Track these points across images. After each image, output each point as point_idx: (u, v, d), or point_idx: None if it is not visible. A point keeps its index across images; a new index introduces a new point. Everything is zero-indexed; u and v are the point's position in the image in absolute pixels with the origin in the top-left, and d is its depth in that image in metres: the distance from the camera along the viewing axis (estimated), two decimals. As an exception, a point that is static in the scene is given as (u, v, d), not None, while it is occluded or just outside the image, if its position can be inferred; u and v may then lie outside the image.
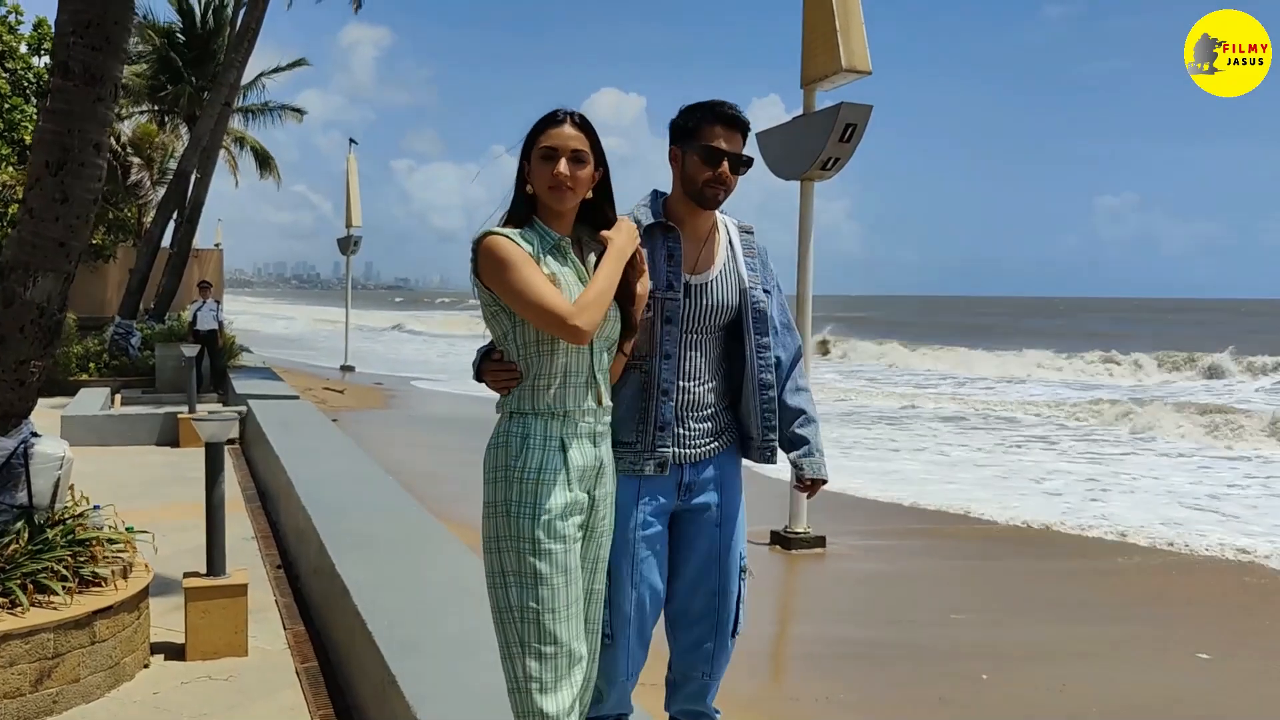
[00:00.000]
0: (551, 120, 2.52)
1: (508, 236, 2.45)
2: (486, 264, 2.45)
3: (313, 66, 34.51)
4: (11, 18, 21.74)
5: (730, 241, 2.89)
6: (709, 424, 2.83)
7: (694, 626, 2.87)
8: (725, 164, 2.71)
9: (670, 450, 2.75)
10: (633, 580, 2.75)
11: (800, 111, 9.42)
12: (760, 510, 9.42)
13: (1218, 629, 7.13)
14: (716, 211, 2.87)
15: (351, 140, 30.52)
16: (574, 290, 2.46)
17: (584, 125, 2.53)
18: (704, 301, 2.79)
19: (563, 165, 2.47)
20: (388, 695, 3.46)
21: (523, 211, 2.55)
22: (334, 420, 12.80)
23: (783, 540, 9.06)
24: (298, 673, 4.68)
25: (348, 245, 28.75)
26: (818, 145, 8.95)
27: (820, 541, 9.07)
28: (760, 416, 2.86)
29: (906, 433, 18.13)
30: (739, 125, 2.75)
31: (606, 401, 2.59)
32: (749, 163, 2.77)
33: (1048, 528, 10.22)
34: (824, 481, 2.94)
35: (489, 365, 2.58)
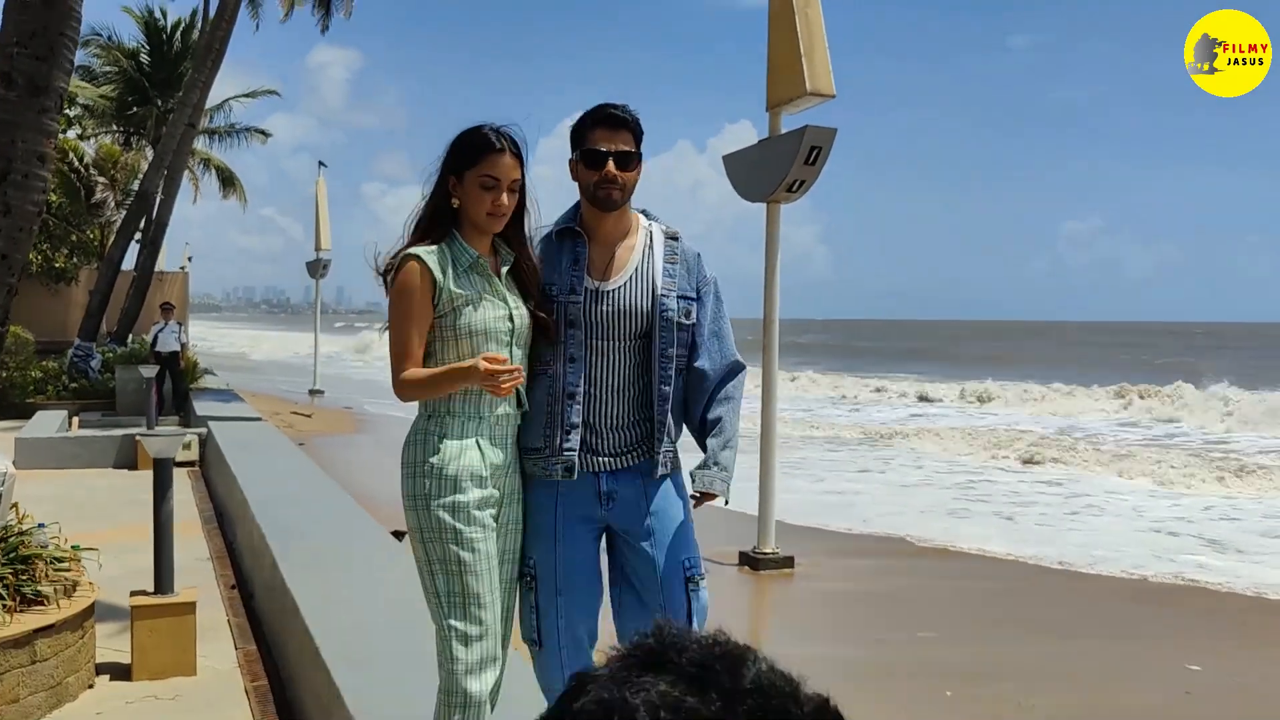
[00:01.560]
0: (490, 147, 2.62)
1: (424, 261, 2.59)
2: (397, 281, 2.62)
3: (282, 97, 34.56)
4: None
5: (649, 248, 2.84)
6: (627, 433, 2.78)
7: None
8: (610, 164, 2.69)
9: (577, 455, 2.72)
10: (557, 586, 2.74)
11: (767, 135, 9.44)
12: (728, 530, 9.37)
13: (1194, 648, 7.12)
14: (642, 218, 2.87)
15: (321, 164, 30.31)
16: (489, 310, 2.62)
17: (519, 153, 2.67)
18: (611, 307, 2.76)
19: (504, 198, 2.62)
20: (332, 710, 3.38)
21: (443, 225, 2.67)
22: (300, 445, 12.63)
23: (751, 561, 9.00)
24: (246, 691, 4.58)
25: (317, 269, 28.54)
26: (783, 168, 8.95)
27: (789, 562, 9.01)
28: (655, 426, 2.79)
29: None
30: (621, 123, 2.73)
31: (525, 404, 2.71)
32: (638, 159, 2.75)
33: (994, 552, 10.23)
34: (713, 496, 2.82)
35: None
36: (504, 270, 2.71)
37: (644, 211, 2.91)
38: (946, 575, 9.24)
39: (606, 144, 2.70)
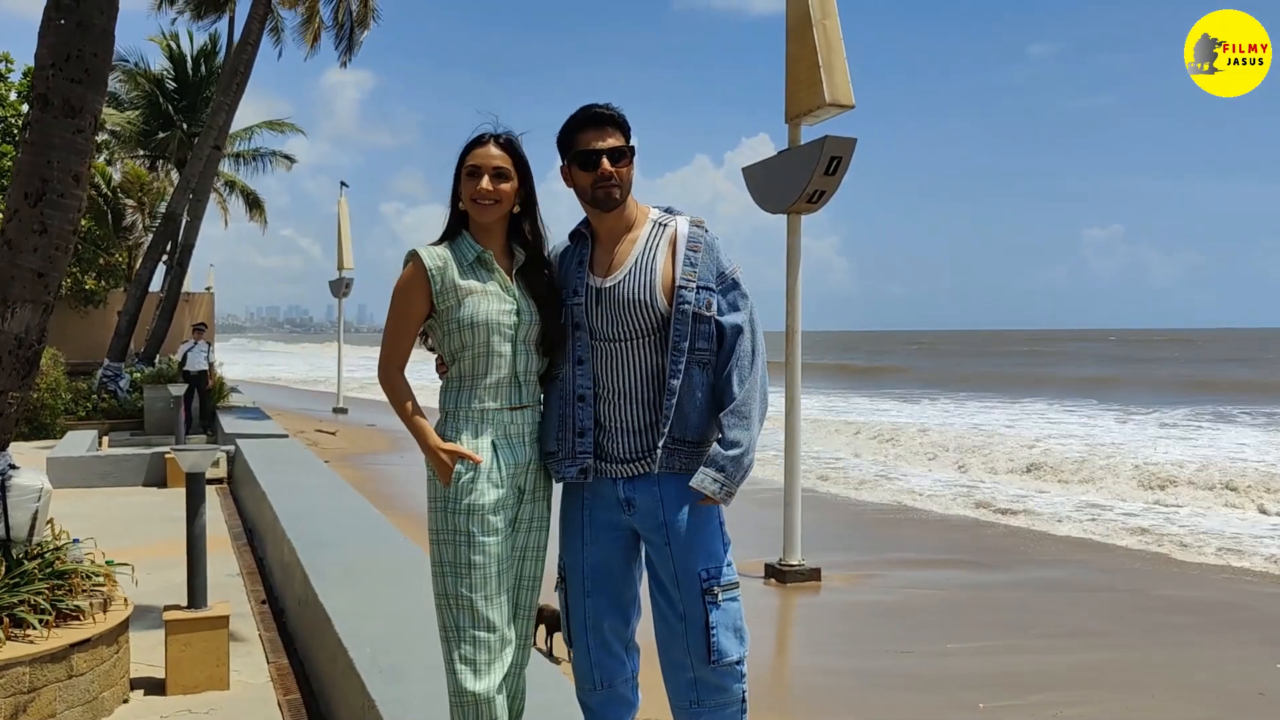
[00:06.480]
0: (477, 142, 2.75)
1: (424, 258, 2.70)
2: (399, 278, 2.74)
3: (306, 135, 34.54)
4: (1, 66, 21.84)
5: (655, 240, 2.76)
6: (643, 436, 2.71)
7: (669, 650, 2.75)
8: (604, 162, 2.68)
9: (591, 458, 2.71)
10: (585, 588, 2.77)
11: (786, 147, 9.45)
12: (754, 543, 9.35)
13: (1234, 654, 7.04)
14: (653, 210, 2.83)
15: (343, 184, 30.53)
16: (494, 302, 2.68)
17: (508, 145, 2.75)
18: (610, 303, 2.72)
19: (485, 181, 2.70)
20: (367, 721, 3.39)
21: (454, 226, 2.79)
22: (326, 462, 12.69)
23: (777, 573, 8.98)
24: (279, 705, 4.60)
25: (340, 288, 28.75)
26: (803, 178, 8.96)
27: (815, 574, 8.99)
28: (660, 421, 2.68)
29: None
30: (607, 120, 2.71)
31: (529, 400, 2.75)
32: (631, 152, 2.72)
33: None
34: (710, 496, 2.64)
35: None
36: (515, 270, 2.76)
37: (668, 209, 2.85)
38: (976, 587, 9.17)
39: (596, 143, 2.68)
